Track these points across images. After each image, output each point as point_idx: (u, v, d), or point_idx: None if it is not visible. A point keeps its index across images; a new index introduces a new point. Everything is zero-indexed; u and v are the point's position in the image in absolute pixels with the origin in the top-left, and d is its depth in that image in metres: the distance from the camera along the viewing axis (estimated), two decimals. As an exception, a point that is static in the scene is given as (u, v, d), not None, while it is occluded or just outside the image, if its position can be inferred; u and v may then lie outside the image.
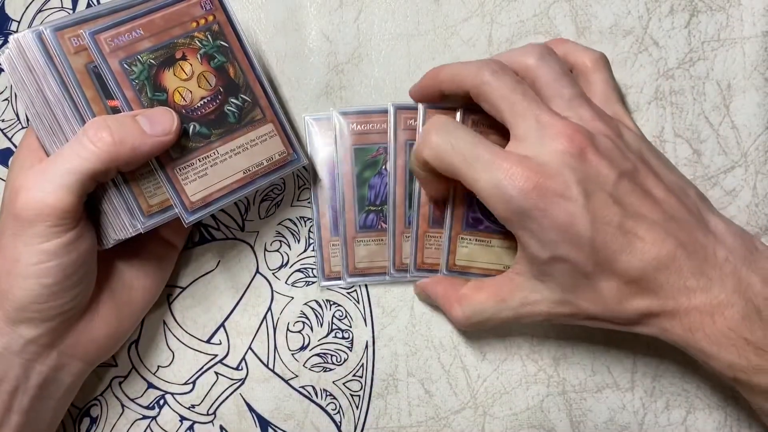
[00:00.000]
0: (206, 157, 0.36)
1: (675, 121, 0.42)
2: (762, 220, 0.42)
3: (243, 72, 0.37)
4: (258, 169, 0.37)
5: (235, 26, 0.37)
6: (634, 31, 0.42)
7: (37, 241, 0.32)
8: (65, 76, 0.33)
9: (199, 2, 0.36)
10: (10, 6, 0.43)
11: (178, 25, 0.35)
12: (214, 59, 0.36)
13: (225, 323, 0.43)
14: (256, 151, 0.37)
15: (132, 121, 0.33)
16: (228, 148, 0.36)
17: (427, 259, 0.41)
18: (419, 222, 0.41)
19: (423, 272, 0.41)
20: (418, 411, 0.42)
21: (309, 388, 0.43)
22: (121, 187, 0.34)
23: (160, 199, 0.35)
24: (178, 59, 0.35)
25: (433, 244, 0.41)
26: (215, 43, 0.36)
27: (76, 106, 0.33)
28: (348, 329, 0.43)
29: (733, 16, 0.42)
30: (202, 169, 0.35)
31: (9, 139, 0.43)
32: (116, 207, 0.34)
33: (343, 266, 0.42)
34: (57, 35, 0.33)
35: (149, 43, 0.35)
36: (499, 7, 0.42)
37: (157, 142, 0.33)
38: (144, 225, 0.34)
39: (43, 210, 0.32)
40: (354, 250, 0.42)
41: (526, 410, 0.42)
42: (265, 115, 0.37)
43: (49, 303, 0.33)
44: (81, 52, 0.33)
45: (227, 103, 0.36)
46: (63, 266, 0.33)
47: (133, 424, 0.43)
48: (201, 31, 0.36)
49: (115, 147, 0.32)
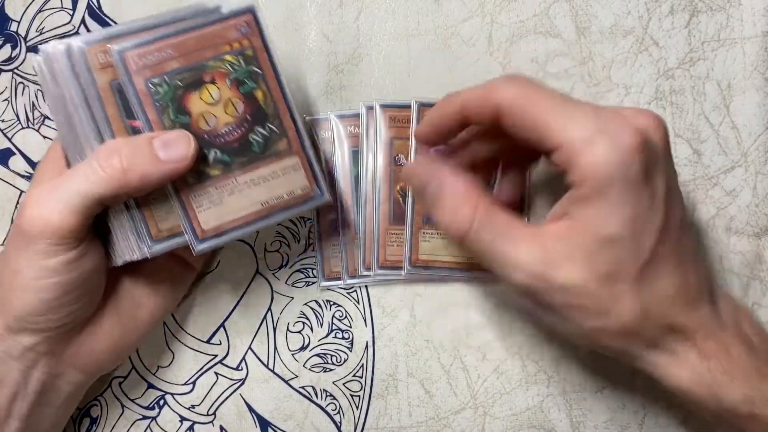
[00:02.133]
0: (224, 186, 0.34)
1: (675, 121, 0.42)
2: (762, 220, 0.42)
3: (273, 100, 0.35)
4: (277, 202, 0.35)
5: (271, 52, 0.35)
6: (634, 31, 0.42)
7: (37, 257, 0.32)
8: (88, 92, 0.32)
9: (235, 25, 0.34)
10: (9, 6, 0.43)
11: (211, 47, 0.34)
12: (243, 85, 0.35)
13: (225, 323, 0.43)
14: (278, 183, 0.35)
15: (146, 146, 0.32)
16: (248, 178, 0.34)
17: (389, 256, 0.41)
18: (380, 220, 0.41)
19: (386, 269, 0.41)
20: (418, 411, 0.42)
21: (309, 388, 0.43)
22: (132, 210, 0.33)
23: (170, 225, 0.34)
24: (206, 82, 0.34)
25: (395, 242, 0.41)
26: (247, 69, 0.34)
27: (96, 124, 0.33)
28: (348, 329, 0.43)
29: (733, 16, 0.42)
30: (218, 197, 0.34)
31: (9, 139, 0.43)
32: (125, 229, 0.34)
33: (343, 267, 0.42)
34: (85, 50, 0.32)
35: (178, 64, 0.33)
36: (499, 7, 0.42)
37: (170, 170, 0.32)
38: (151, 250, 0.33)
39: (46, 228, 0.31)
40: (353, 251, 0.42)
41: (526, 410, 0.42)
42: (292, 146, 0.35)
43: (47, 316, 0.33)
44: (107, 68, 0.33)
45: (253, 132, 0.35)
46: (62, 283, 0.33)
47: (133, 425, 0.43)
48: (233, 55, 0.34)
49: (124, 174, 0.31)
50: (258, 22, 0.35)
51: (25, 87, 0.43)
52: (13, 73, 0.43)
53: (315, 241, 0.42)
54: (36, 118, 0.43)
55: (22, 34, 0.43)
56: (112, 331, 0.37)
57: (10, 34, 0.43)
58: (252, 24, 0.35)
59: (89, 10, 0.43)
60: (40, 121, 0.43)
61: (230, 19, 0.34)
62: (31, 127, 0.43)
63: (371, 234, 0.41)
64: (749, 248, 0.42)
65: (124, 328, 0.38)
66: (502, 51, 0.42)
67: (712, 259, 0.42)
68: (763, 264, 0.42)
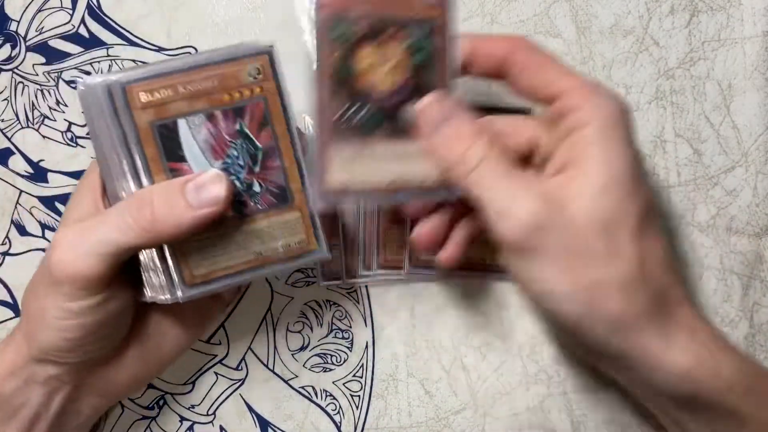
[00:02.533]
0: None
1: (675, 121, 0.42)
2: (762, 220, 0.42)
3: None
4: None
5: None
6: (635, 31, 0.42)
7: (62, 299, 0.32)
8: (127, 132, 0.31)
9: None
10: (9, 6, 0.43)
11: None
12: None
13: (225, 323, 0.43)
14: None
15: (178, 194, 0.31)
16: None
17: (389, 256, 0.41)
18: (380, 220, 0.41)
19: (386, 269, 0.41)
20: (418, 411, 0.42)
21: (309, 388, 0.43)
22: (166, 254, 0.32)
23: (205, 270, 0.33)
24: None
25: (395, 242, 0.41)
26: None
27: (134, 164, 0.31)
28: (348, 329, 0.43)
29: (733, 16, 0.42)
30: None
31: (9, 139, 0.43)
32: (158, 271, 0.32)
33: (343, 268, 0.42)
34: (126, 89, 0.31)
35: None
36: (499, 7, 0.42)
37: (203, 216, 0.31)
38: (184, 296, 0.32)
39: (72, 273, 0.31)
40: (353, 251, 0.42)
41: (527, 411, 0.42)
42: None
43: (71, 353, 0.33)
44: (148, 109, 0.31)
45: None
46: (85, 325, 0.32)
47: (132, 425, 0.43)
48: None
49: (155, 225, 0.31)
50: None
51: (25, 87, 0.43)
52: (13, 72, 0.43)
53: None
54: (36, 117, 0.43)
55: (22, 34, 0.43)
56: (136, 362, 0.37)
57: (10, 34, 0.43)
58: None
59: (89, 10, 0.43)
60: (40, 120, 0.43)
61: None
62: (31, 126, 0.43)
63: (371, 234, 0.41)
64: (750, 248, 0.42)
65: (147, 359, 0.37)
66: (503, 51, 0.42)
67: (713, 259, 0.42)
68: (763, 264, 0.42)
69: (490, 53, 0.34)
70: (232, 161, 0.33)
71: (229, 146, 0.33)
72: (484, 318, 0.43)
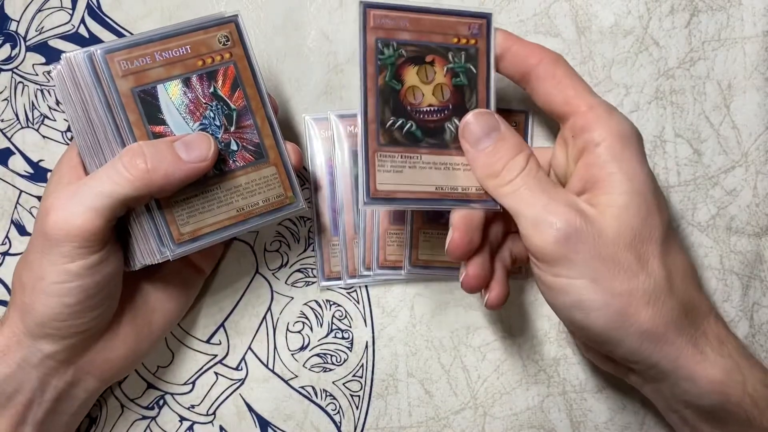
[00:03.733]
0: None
1: (675, 121, 0.42)
2: (762, 220, 0.42)
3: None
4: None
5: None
6: (635, 31, 0.42)
7: (62, 261, 0.32)
8: (111, 99, 0.33)
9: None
10: (9, 6, 0.43)
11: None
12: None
13: (225, 323, 0.43)
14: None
15: (168, 148, 0.33)
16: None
17: (389, 256, 0.41)
18: (380, 220, 0.41)
19: (386, 269, 0.41)
20: (418, 411, 0.42)
21: (309, 388, 0.43)
22: (154, 213, 0.34)
23: (192, 228, 0.35)
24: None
25: (395, 242, 0.41)
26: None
27: (118, 129, 0.33)
28: (348, 329, 0.43)
29: (733, 15, 0.42)
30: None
31: (9, 138, 0.43)
32: (146, 232, 0.34)
33: (343, 267, 0.42)
34: (107, 57, 0.33)
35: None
36: (499, 7, 0.42)
37: (192, 169, 0.33)
38: (174, 253, 0.34)
39: (71, 231, 0.32)
40: (353, 251, 0.42)
41: (527, 410, 0.42)
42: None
43: (69, 321, 0.34)
44: (128, 76, 0.34)
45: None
46: (85, 287, 0.33)
47: (132, 425, 0.43)
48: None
49: (148, 174, 0.32)
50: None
51: (25, 87, 0.43)
52: (13, 72, 0.43)
53: (315, 241, 0.42)
54: (35, 117, 0.43)
55: (22, 34, 0.43)
56: (128, 337, 0.38)
57: (10, 34, 0.43)
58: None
59: (89, 10, 0.43)
60: (40, 120, 0.43)
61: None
62: (31, 126, 0.43)
63: (371, 234, 0.41)
64: (750, 248, 0.42)
65: (139, 334, 0.38)
66: (503, 51, 0.42)
67: (712, 259, 0.42)
68: (763, 264, 0.42)
69: (518, 55, 0.35)
70: (209, 122, 0.35)
71: (206, 108, 0.35)
72: (484, 318, 0.43)
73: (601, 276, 0.31)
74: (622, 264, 0.31)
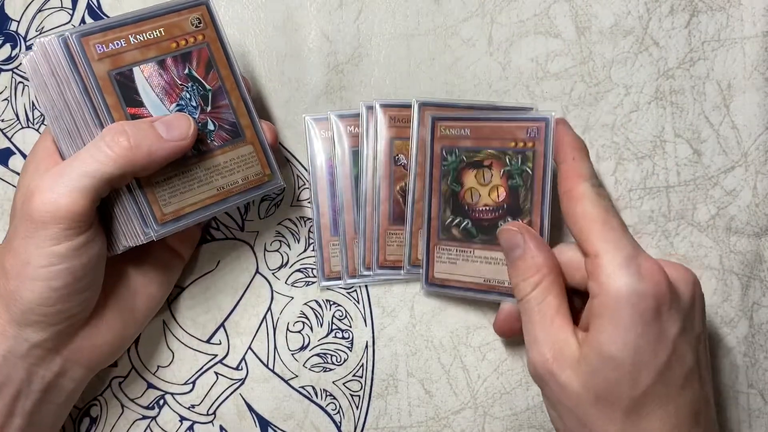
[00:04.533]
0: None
1: (675, 121, 0.42)
2: (762, 220, 0.42)
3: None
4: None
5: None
6: (635, 31, 0.42)
7: (48, 244, 0.32)
8: (88, 82, 0.33)
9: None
10: (9, 6, 0.43)
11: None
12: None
13: (225, 323, 0.43)
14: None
15: (149, 127, 0.34)
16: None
17: (389, 256, 0.41)
18: (380, 220, 0.41)
19: (386, 269, 0.41)
20: (418, 411, 0.42)
21: (309, 388, 0.43)
22: (136, 193, 0.34)
23: (174, 208, 0.35)
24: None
25: (395, 242, 0.41)
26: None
27: (96, 112, 0.34)
28: (348, 329, 0.43)
29: (733, 16, 0.42)
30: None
31: (9, 139, 0.43)
32: (129, 213, 0.34)
33: (343, 267, 0.42)
34: (82, 41, 0.33)
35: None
36: (499, 7, 0.42)
37: (174, 147, 0.34)
38: (157, 233, 0.34)
39: (57, 212, 0.32)
40: (353, 251, 0.42)
41: (527, 410, 0.42)
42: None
43: (57, 306, 0.34)
44: (104, 59, 0.34)
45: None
46: (72, 270, 0.33)
47: (132, 425, 0.43)
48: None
49: (131, 151, 0.32)
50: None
51: (25, 87, 0.43)
52: (13, 72, 0.43)
53: (315, 241, 0.42)
54: (36, 117, 0.43)
55: (22, 34, 0.43)
56: (114, 322, 0.38)
57: (10, 34, 0.43)
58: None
59: (89, 10, 0.43)
60: (40, 120, 0.43)
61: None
62: (31, 126, 0.43)
63: (371, 234, 0.41)
64: (749, 248, 0.42)
65: (123, 319, 0.38)
66: (502, 51, 0.42)
67: (712, 259, 0.42)
68: (763, 264, 0.42)
69: (561, 159, 0.36)
70: (186, 103, 0.36)
71: (182, 89, 0.36)
72: (484, 318, 0.43)
73: (566, 422, 0.34)
74: (584, 417, 0.33)
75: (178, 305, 0.43)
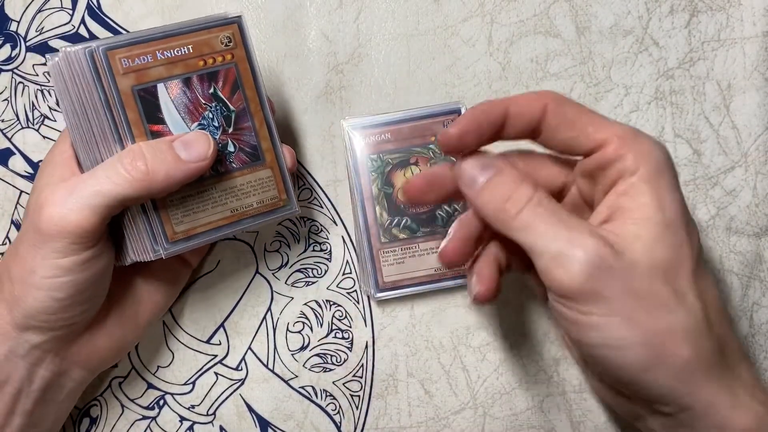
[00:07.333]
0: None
1: (675, 121, 0.42)
2: (762, 220, 0.42)
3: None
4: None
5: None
6: (634, 31, 0.42)
7: (54, 256, 0.32)
8: (110, 96, 0.33)
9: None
10: (9, 6, 0.43)
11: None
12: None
13: (225, 323, 0.43)
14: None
15: (168, 149, 0.33)
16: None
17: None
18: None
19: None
20: (418, 411, 0.42)
21: (309, 388, 0.43)
22: (150, 212, 0.34)
23: (186, 227, 0.35)
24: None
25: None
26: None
27: (117, 127, 0.33)
28: (348, 329, 0.43)
29: (733, 16, 0.42)
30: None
31: (9, 139, 0.43)
32: (140, 229, 0.34)
33: (372, 280, 0.41)
34: (108, 55, 0.33)
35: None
36: (499, 7, 0.42)
37: (192, 169, 0.33)
38: (167, 251, 0.34)
39: (65, 227, 0.32)
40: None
41: (527, 410, 0.42)
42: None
43: (58, 315, 0.34)
44: (129, 74, 0.33)
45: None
46: (76, 282, 0.33)
47: (132, 425, 0.43)
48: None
49: (149, 176, 0.32)
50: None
51: (25, 87, 0.43)
52: (13, 72, 0.43)
53: (360, 251, 0.41)
54: (36, 117, 0.43)
55: (22, 34, 0.43)
56: (115, 329, 0.38)
57: (10, 34, 0.43)
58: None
59: (89, 10, 0.43)
60: (40, 120, 0.43)
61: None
62: (31, 127, 0.43)
63: (367, 256, 0.41)
64: (749, 248, 0.42)
65: (125, 325, 0.38)
66: (502, 51, 0.42)
67: (712, 259, 0.42)
68: (763, 264, 0.42)
69: (522, 113, 0.32)
70: (208, 123, 0.35)
71: (205, 109, 0.35)
72: (484, 318, 0.43)
73: (637, 312, 0.28)
74: (657, 299, 0.29)
75: (178, 305, 0.43)
